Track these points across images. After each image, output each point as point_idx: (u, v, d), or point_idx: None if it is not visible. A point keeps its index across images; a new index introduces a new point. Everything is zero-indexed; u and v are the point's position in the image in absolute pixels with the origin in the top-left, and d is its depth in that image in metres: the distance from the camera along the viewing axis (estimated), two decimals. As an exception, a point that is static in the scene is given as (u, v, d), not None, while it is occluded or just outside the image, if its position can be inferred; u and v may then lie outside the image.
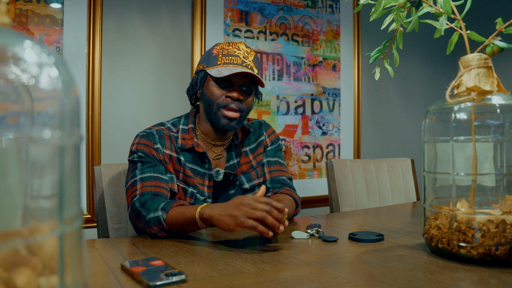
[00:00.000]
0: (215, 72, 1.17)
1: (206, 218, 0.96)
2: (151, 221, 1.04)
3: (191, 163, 1.22)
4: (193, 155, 1.22)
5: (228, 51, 1.20)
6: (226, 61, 1.18)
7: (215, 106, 1.19)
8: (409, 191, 1.97)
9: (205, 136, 1.26)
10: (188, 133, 1.23)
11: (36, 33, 1.73)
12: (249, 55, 1.21)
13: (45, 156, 0.37)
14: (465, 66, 0.83)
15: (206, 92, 1.21)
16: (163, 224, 1.03)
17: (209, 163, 1.23)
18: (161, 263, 0.78)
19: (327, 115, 2.52)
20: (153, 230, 1.04)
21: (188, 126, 1.25)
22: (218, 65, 1.19)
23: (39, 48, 0.37)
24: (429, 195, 0.88)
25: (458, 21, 0.88)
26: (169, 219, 1.03)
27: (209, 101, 1.20)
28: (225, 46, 1.21)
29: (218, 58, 1.20)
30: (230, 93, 1.18)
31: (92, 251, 0.93)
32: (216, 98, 1.19)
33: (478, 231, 0.76)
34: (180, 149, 1.21)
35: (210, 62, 1.21)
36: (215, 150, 1.27)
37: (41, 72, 0.36)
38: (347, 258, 0.86)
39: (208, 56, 1.23)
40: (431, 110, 0.87)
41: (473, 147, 0.79)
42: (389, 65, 1.01)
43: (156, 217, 1.03)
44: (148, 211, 1.05)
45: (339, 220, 1.30)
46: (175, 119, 1.28)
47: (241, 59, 1.19)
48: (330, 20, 2.52)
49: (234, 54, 1.19)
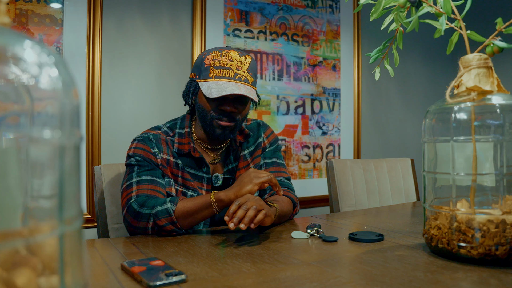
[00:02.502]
0: (205, 89, 1.15)
1: (222, 199, 1.05)
2: (159, 213, 1.05)
3: (189, 167, 1.22)
4: (190, 160, 1.22)
5: (220, 63, 1.16)
6: (218, 74, 1.15)
7: (209, 117, 1.19)
8: (409, 191, 1.97)
9: (201, 141, 1.26)
10: (185, 138, 1.23)
11: (36, 33, 1.73)
12: (243, 65, 1.17)
13: (45, 156, 0.37)
14: (465, 66, 0.83)
15: (200, 102, 1.20)
16: (172, 215, 1.04)
17: (207, 167, 1.23)
18: (161, 263, 0.78)
19: (327, 115, 2.52)
20: (161, 222, 1.05)
21: (184, 130, 1.24)
22: (209, 78, 1.16)
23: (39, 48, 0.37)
24: (429, 195, 0.88)
25: (458, 21, 0.88)
26: (179, 209, 1.05)
27: (203, 112, 1.20)
28: (217, 57, 1.17)
29: (210, 70, 1.16)
30: (223, 106, 1.17)
31: (92, 251, 0.93)
32: (209, 110, 1.18)
33: (478, 231, 0.76)
34: (177, 153, 1.21)
35: (202, 74, 1.18)
36: (212, 155, 1.27)
37: (41, 72, 0.36)
38: (347, 258, 0.86)
39: (200, 66, 1.20)
40: (431, 110, 0.87)
41: (473, 147, 0.79)
42: (389, 65, 1.01)
43: (165, 209, 1.05)
44: (152, 207, 1.06)
45: (339, 220, 1.30)
46: (172, 122, 1.28)
47: (234, 72, 1.15)
48: (330, 20, 2.52)
49: (226, 66, 1.15)
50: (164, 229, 1.06)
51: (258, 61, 2.28)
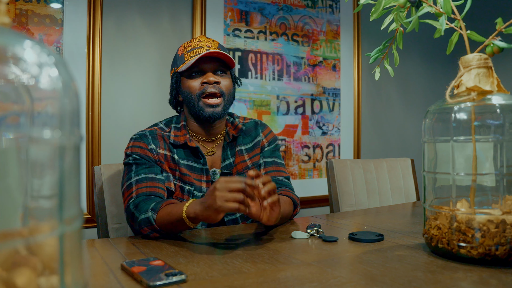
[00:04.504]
0: (184, 66, 1.21)
1: (192, 217, 0.96)
2: (142, 223, 1.04)
3: (186, 160, 1.23)
4: (187, 151, 1.24)
5: (191, 46, 1.23)
6: (192, 54, 1.21)
7: (195, 98, 1.21)
8: (409, 191, 1.97)
9: (196, 133, 1.28)
10: (181, 130, 1.25)
11: (36, 33, 1.73)
12: (213, 44, 1.24)
13: (45, 156, 0.37)
14: (465, 66, 0.83)
15: (184, 90, 1.24)
16: (154, 224, 1.03)
17: (204, 158, 1.24)
18: (161, 263, 0.78)
19: (327, 115, 2.52)
20: (144, 231, 1.04)
21: (180, 124, 1.27)
22: (185, 61, 1.22)
23: (39, 48, 0.37)
24: (429, 195, 0.88)
25: (458, 21, 0.88)
26: (159, 219, 1.03)
27: (189, 97, 1.22)
28: (187, 44, 1.25)
29: (184, 56, 1.23)
30: (206, 78, 1.20)
31: (92, 251, 0.93)
32: (194, 90, 1.21)
33: (478, 231, 0.76)
34: (173, 145, 1.22)
35: (179, 63, 1.25)
36: (207, 147, 1.28)
37: (41, 72, 0.36)
38: (347, 258, 0.86)
39: (176, 59, 1.27)
40: (431, 110, 0.87)
41: (473, 147, 0.79)
42: (389, 65, 1.01)
43: (146, 218, 1.04)
44: (140, 213, 1.06)
45: (339, 220, 1.30)
46: (168, 119, 1.31)
47: (205, 48, 1.21)
48: (330, 20, 2.52)
49: (197, 46, 1.22)
50: (150, 237, 1.05)
51: (258, 61, 2.28)
